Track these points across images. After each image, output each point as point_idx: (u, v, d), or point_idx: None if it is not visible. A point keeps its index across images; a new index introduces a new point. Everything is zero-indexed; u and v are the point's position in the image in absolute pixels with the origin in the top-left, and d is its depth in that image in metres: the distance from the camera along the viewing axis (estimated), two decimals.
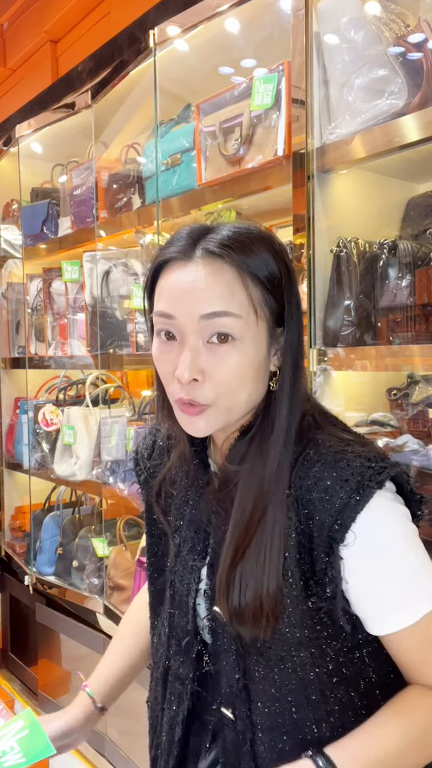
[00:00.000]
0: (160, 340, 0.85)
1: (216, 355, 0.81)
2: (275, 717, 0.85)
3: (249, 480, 0.85)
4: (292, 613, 0.82)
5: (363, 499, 0.78)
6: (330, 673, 0.84)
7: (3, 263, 3.42)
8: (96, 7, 3.08)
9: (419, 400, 1.67)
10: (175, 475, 0.99)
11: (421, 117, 1.42)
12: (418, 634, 0.81)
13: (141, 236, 2.37)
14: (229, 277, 0.81)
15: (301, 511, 0.81)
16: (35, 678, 3.09)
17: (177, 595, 0.97)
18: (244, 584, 0.81)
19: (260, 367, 0.84)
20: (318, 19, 1.61)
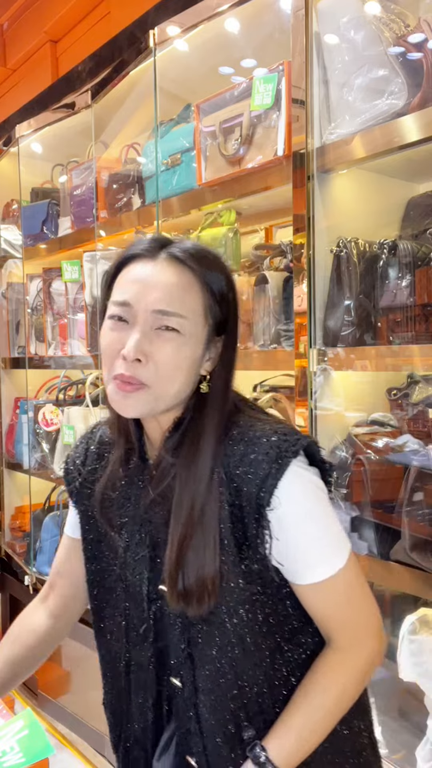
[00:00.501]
0: (112, 321, 0.94)
1: (160, 339, 0.91)
2: (216, 676, 0.95)
3: (186, 475, 0.94)
4: (230, 578, 0.92)
5: (282, 468, 0.89)
6: (261, 624, 0.95)
7: (3, 263, 3.42)
8: (96, 7, 3.08)
9: (419, 400, 1.67)
10: (114, 477, 1.05)
11: (421, 117, 1.42)
12: (332, 587, 0.93)
13: (141, 236, 2.37)
14: (186, 281, 0.92)
15: (231, 485, 0.92)
16: (35, 678, 3.08)
17: (131, 587, 1.04)
18: (189, 570, 0.91)
19: (193, 365, 0.94)
20: (318, 19, 1.61)
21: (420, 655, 1.48)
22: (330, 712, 0.94)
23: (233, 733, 0.95)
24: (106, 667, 1.11)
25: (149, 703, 1.04)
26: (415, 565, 1.44)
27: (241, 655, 0.94)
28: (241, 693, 0.95)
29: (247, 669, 0.95)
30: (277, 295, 1.81)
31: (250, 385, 2.18)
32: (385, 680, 1.72)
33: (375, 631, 0.98)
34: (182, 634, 0.97)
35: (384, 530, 1.55)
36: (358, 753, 1.01)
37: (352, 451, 1.62)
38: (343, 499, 1.62)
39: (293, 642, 0.97)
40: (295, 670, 0.97)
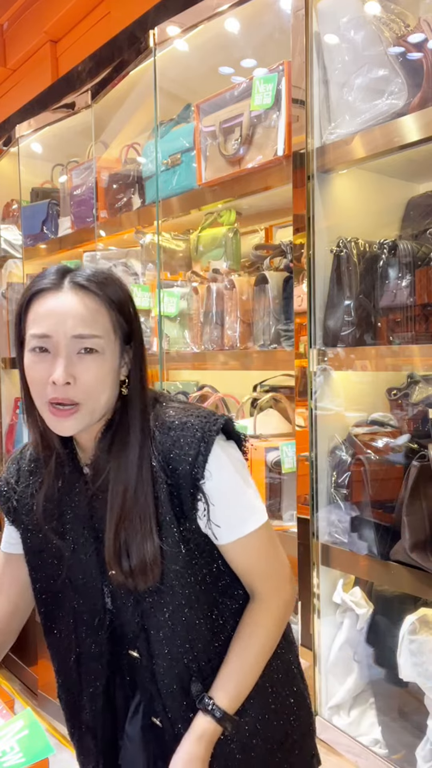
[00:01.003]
0: (34, 353, 1.03)
1: (84, 363, 1.02)
2: (170, 639, 1.08)
3: (117, 466, 1.06)
4: (172, 550, 1.06)
5: (209, 445, 1.04)
6: (201, 582, 1.10)
7: (3, 263, 3.42)
8: (96, 7, 3.08)
9: (419, 400, 1.67)
10: (50, 489, 1.15)
11: (421, 117, 1.42)
12: (254, 540, 1.09)
13: (141, 236, 2.37)
14: (93, 304, 1.03)
15: (167, 467, 1.05)
16: (35, 678, 3.09)
17: (82, 587, 1.15)
18: (131, 550, 1.04)
19: (114, 375, 1.06)
20: (318, 19, 1.61)
21: (420, 655, 1.48)
22: (260, 652, 1.10)
23: (188, 682, 1.09)
24: (58, 664, 1.23)
25: (98, 691, 1.17)
26: (415, 565, 1.45)
27: (189, 613, 1.08)
28: (191, 648, 1.09)
29: (194, 624, 1.09)
30: (277, 295, 1.81)
31: (250, 385, 2.18)
32: (385, 680, 1.72)
33: (287, 578, 1.14)
34: (135, 609, 1.10)
35: (384, 530, 1.55)
36: (290, 681, 1.19)
37: (352, 451, 1.62)
38: (343, 499, 1.62)
39: (227, 595, 1.13)
40: (229, 618, 1.12)
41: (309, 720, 1.23)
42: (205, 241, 2.21)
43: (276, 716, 1.15)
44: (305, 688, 1.23)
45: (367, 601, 1.69)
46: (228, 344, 1.97)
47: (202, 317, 2.07)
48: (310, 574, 1.66)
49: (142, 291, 2.34)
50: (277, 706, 1.15)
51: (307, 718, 1.22)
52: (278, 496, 1.81)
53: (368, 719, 1.69)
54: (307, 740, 1.22)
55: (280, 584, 1.13)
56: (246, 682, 1.09)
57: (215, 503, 1.06)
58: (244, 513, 1.08)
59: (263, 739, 1.13)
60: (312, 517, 1.65)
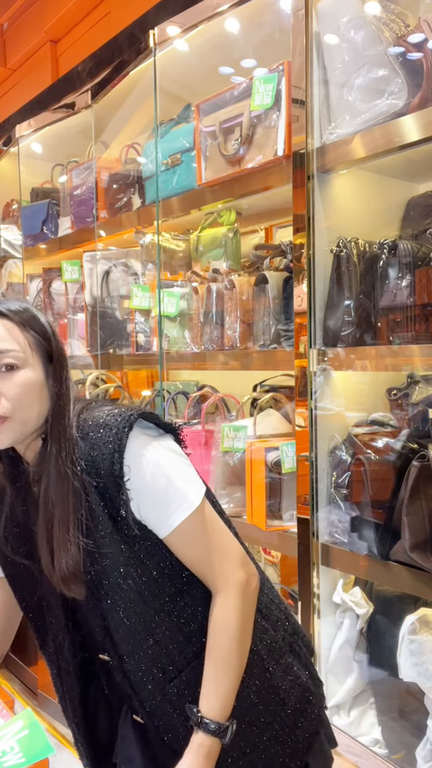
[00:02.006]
0: None
1: (6, 378, 1.08)
2: (130, 635, 1.09)
3: (46, 481, 1.09)
4: (114, 552, 1.07)
5: (122, 441, 1.06)
6: (157, 577, 1.10)
7: (3, 263, 3.42)
8: (96, 7, 3.08)
9: (419, 400, 1.67)
10: (13, 512, 1.19)
11: (421, 117, 1.42)
12: (190, 528, 1.08)
13: (141, 236, 2.37)
14: (8, 325, 1.10)
15: (92, 471, 1.07)
16: (35, 678, 3.09)
17: (50, 604, 1.19)
18: (56, 560, 1.06)
19: (42, 389, 1.11)
20: (318, 19, 1.61)
21: (420, 655, 1.48)
22: (231, 649, 1.08)
23: (161, 677, 1.10)
24: (51, 675, 1.28)
25: (75, 703, 1.21)
26: (415, 565, 1.45)
27: (143, 608, 1.09)
28: (156, 642, 1.09)
29: (152, 617, 1.09)
30: (277, 295, 1.81)
31: (250, 385, 2.18)
32: (385, 680, 1.72)
33: (239, 561, 1.12)
34: (96, 612, 1.12)
35: (384, 530, 1.55)
36: (277, 660, 1.17)
37: (352, 451, 1.61)
38: (343, 499, 1.62)
39: (191, 584, 1.12)
40: (197, 609, 1.12)
41: (306, 696, 1.19)
42: (205, 241, 2.21)
43: (259, 697, 1.14)
44: (301, 666, 1.21)
45: (367, 601, 1.69)
46: (228, 344, 1.97)
47: (202, 317, 2.07)
48: (310, 574, 1.66)
49: (142, 291, 2.34)
50: (259, 686, 1.15)
51: (301, 694, 1.19)
52: (278, 496, 1.81)
53: (368, 719, 1.69)
54: (306, 717, 1.19)
55: (228, 571, 1.11)
56: (226, 683, 1.08)
57: (140, 496, 1.07)
58: (172, 503, 1.08)
59: (248, 721, 1.12)
60: (312, 517, 1.65)
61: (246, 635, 1.11)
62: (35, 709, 2.96)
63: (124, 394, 2.73)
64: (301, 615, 1.68)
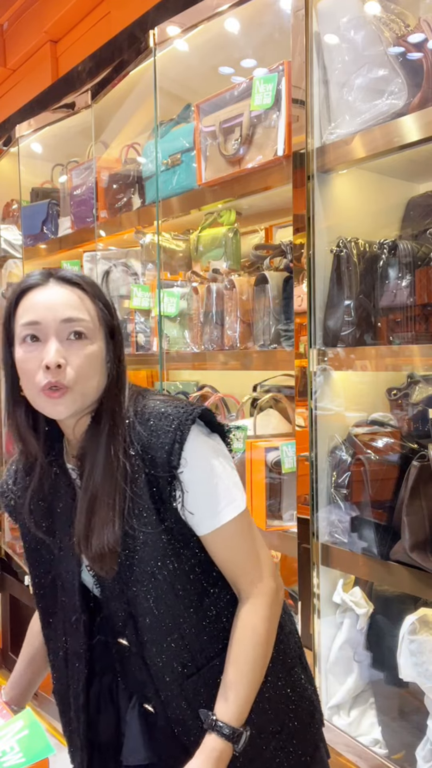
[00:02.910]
0: (26, 344, 1.07)
1: (73, 347, 1.06)
2: (157, 624, 1.09)
3: (93, 457, 1.09)
4: (152, 540, 1.08)
5: (184, 434, 1.06)
6: (188, 572, 1.11)
7: (3, 263, 3.42)
8: (96, 7, 3.08)
9: (419, 400, 1.67)
10: (40, 489, 1.18)
11: (421, 117, 1.42)
12: (232, 530, 1.10)
13: (141, 236, 2.37)
14: (78, 293, 1.09)
15: (146, 456, 1.08)
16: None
17: (65, 583, 1.18)
18: (92, 536, 1.06)
19: (102, 362, 1.10)
20: (318, 19, 1.61)
21: (420, 655, 1.48)
22: (255, 656, 1.09)
23: (180, 671, 1.10)
24: (52, 659, 1.27)
25: (79, 689, 1.19)
26: (415, 565, 1.45)
27: (174, 601, 1.09)
28: (181, 637, 1.10)
29: (181, 611, 1.10)
30: (277, 295, 1.81)
31: (250, 385, 2.18)
32: (385, 680, 1.72)
33: (269, 573, 1.13)
34: (121, 597, 1.11)
35: (384, 530, 1.55)
36: (288, 671, 1.18)
37: (352, 451, 1.61)
38: (343, 499, 1.62)
39: (218, 585, 1.14)
40: (223, 609, 1.13)
41: (310, 709, 1.21)
42: (205, 241, 2.21)
43: (270, 705, 1.14)
44: (307, 680, 1.22)
45: (367, 601, 1.69)
46: (228, 344, 1.97)
47: (202, 317, 2.07)
48: (310, 574, 1.66)
49: (142, 291, 2.34)
50: (271, 694, 1.15)
51: (307, 707, 1.20)
52: (278, 496, 1.81)
53: (368, 719, 1.69)
54: (309, 731, 1.20)
55: (261, 578, 1.12)
56: (245, 690, 1.08)
57: (190, 491, 1.07)
58: (221, 502, 1.09)
59: (257, 728, 1.11)
60: (312, 517, 1.65)
61: (270, 644, 1.12)
62: (35, 709, 2.95)
63: None
64: (301, 615, 1.68)
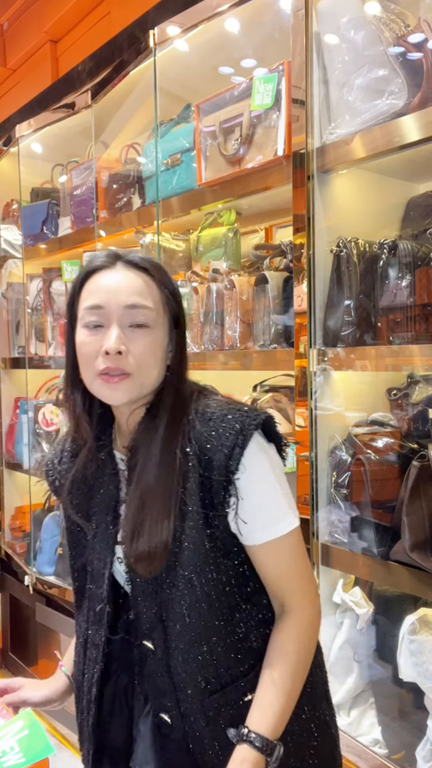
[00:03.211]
0: (87, 328, 1.05)
1: (135, 335, 1.04)
2: (187, 632, 1.05)
3: (146, 451, 1.07)
4: (196, 544, 1.04)
5: (246, 439, 1.03)
6: (225, 583, 1.07)
7: (3, 263, 3.42)
8: (96, 7, 3.08)
9: (419, 400, 1.67)
10: (84, 472, 1.16)
11: (421, 117, 1.42)
12: (283, 546, 1.06)
13: (141, 236, 2.37)
14: (145, 279, 1.07)
15: (203, 458, 1.04)
16: (35, 678, 3.09)
17: (95, 570, 1.15)
18: (143, 531, 1.03)
19: (163, 352, 1.08)
20: (318, 19, 1.61)
21: (420, 655, 1.48)
22: (295, 671, 1.05)
23: (203, 687, 1.05)
24: (76, 643, 1.24)
25: (94, 678, 1.16)
26: (415, 565, 1.45)
27: (207, 611, 1.05)
28: (209, 650, 1.06)
29: (212, 623, 1.06)
30: (277, 295, 1.81)
31: (250, 385, 2.18)
32: (385, 680, 1.72)
33: (315, 591, 1.12)
34: (153, 598, 1.07)
35: (384, 530, 1.55)
36: (312, 703, 1.13)
37: (352, 451, 1.62)
38: (343, 499, 1.62)
39: (251, 602, 1.09)
40: (252, 628, 1.09)
41: (332, 749, 1.16)
42: (205, 241, 2.21)
43: (292, 738, 1.08)
44: (331, 716, 1.17)
45: (367, 601, 1.69)
46: (228, 344, 1.97)
47: (202, 317, 2.07)
48: None
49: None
50: (294, 727, 1.08)
51: (329, 746, 1.15)
52: None
53: (368, 719, 1.69)
54: (334, 758, 1.16)
55: (306, 596, 1.09)
56: (281, 703, 1.03)
57: (245, 498, 1.04)
58: (275, 514, 1.06)
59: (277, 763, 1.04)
60: (312, 517, 1.65)
61: (308, 663, 1.08)
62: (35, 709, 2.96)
63: None
64: None
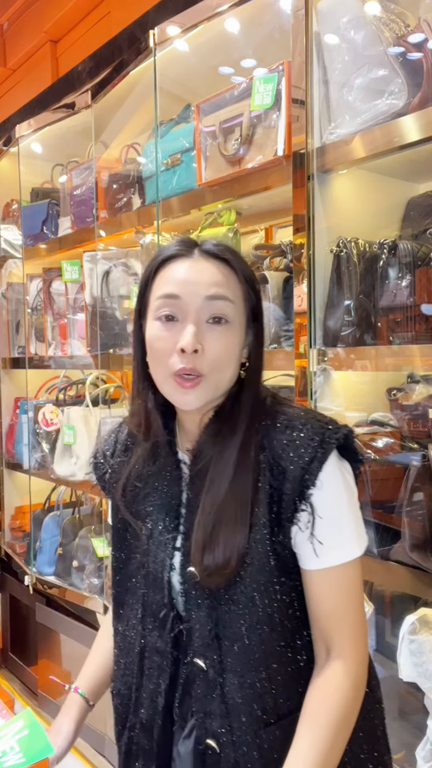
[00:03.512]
0: (160, 321, 0.97)
1: (213, 332, 0.96)
2: (245, 654, 0.97)
3: (220, 457, 0.99)
4: (261, 559, 0.96)
5: (327, 452, 0.95)
6: (288, 605, 0.99)
7: (3, 263, 3.42)
8: (96, 7, 3.08)
9: (419, 400, 1.67)
10: (141, 468, 1.09)
11: (421, 117, 1.42)
12: (343, 575, 0.97)
13: (141, 236, 2.37)
14: (225, 270, 0.98)
15: (276, 468, 0.96)
16: (35, 678, 3.09)
17: (151, 575, 1.07)
18: (218, 542, 0.95)
19: (239, 351, 1.00)
20: (318, 19, 1.61)
21: (420, 655, 1.48)
22: (338, 728, 0.93)
23: (259, 715, 0.96)
24: (120, 654, 1.13)
25: (161, 688, 1.05)
26: (415, 565, 1.45)
27: (269, 634, 0.97)
28: (268, 674, 0.97)
29: (274, 648, 0.97)
30: (277, 295, 1.81)
31: None
32: (385, 680, 1.72)
33: (365, 647, 1.00)
34: (210, 613, 0.99)
35: (384, 530, 1.55)
36: (372, 746, 1.04)
37: None
38: None
39: (299, 618, 1.00)
40: (311, 660, 1.00)
41: None
42: None
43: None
44: (389, 756, 1.07)
45: (367, 601, 1.69)
46: None
47: None
48: None
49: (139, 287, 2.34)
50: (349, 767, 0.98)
51: None
52: None
53: None
54: None
55: (356, 639, 0.98)
56: (323, 752, 0.90)
57: (322, 515, 0.95)
58: (342, 540, 0.97)
59: None
60: None
61: (354, 716, 0.97)
62: (35, 709, 2.96)
63: (124, 394, 2.73)
64: None
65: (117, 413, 2.57)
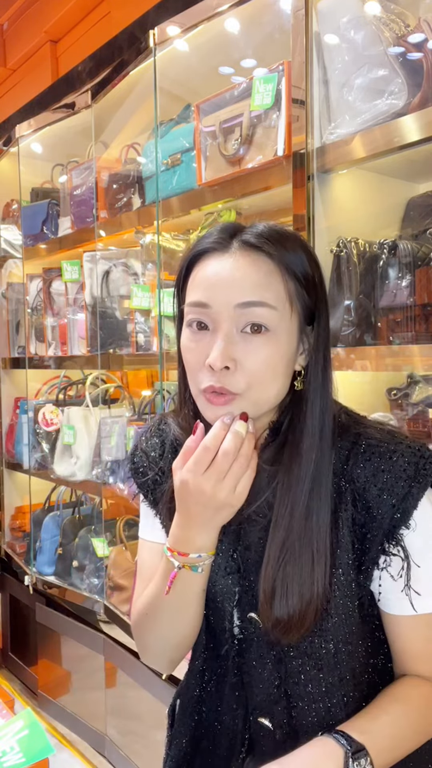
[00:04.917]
0: (191, 330, 0.84)
1: (249, 344, 0.80)
2: (319, 719, 0.85)
3: (287, 481, 0.84)
4: (346, 606, 0.84)
5: (422, 488, 0.81)
6: (367, 656, 0.87)
7: (3, 263, 3.42)
8: (96, 7, 3.08)
9: (419, 400, 1.67)
10: None
11: (421, 117, 1.42)
12: (427, 626, 0.86)
13: (141, 236, 2.37)
14: (266, 268, 0.81)
15: (359, 503, 0.83)
16: (35, 678, 3.09)
17: (212, 601, 0.94)
18: (291, 590, 0.81)
19: (289, 363, 0.84)
20: (318, 19, 1.61)
21: None
22: (417, 727, 0.85)
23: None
24: (192, 663, 1.02)
25: (238, 725, 0.93)
26: None
27: (353, 692, 0.85)
28: None
29: (357, 708, 0.85)
30: None
31: None
32: None
33: None
34: (275, 669, 0.87)
35: None
36: None
37: None
38: None
39: (383, 675, 0.90)
40: None
41: None
42: None
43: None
44: None
45: None
46: None
47: None
48: None
49: (142, 291, 2.34)
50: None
51: None
52: None
53: None
54: None
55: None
56: (397, 738, 0.82)
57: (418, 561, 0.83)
58: (429, 587, 0.84)
59: None
60: None
61: (422, 736, 0.86)
62: (35, 709, 2.96)
63: (124, 394, 2.73)
64: None
65: (117, 413, 2.57)
